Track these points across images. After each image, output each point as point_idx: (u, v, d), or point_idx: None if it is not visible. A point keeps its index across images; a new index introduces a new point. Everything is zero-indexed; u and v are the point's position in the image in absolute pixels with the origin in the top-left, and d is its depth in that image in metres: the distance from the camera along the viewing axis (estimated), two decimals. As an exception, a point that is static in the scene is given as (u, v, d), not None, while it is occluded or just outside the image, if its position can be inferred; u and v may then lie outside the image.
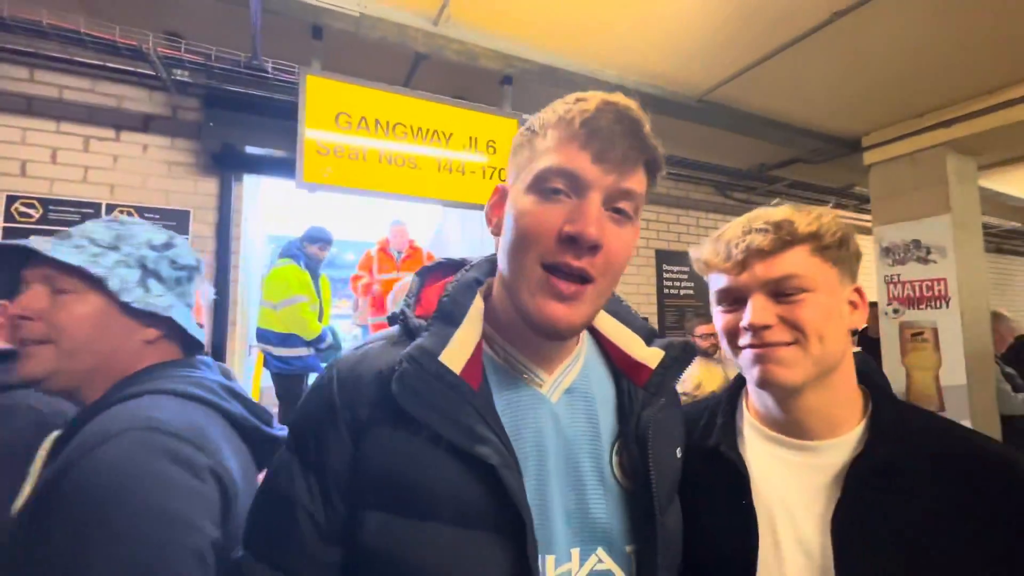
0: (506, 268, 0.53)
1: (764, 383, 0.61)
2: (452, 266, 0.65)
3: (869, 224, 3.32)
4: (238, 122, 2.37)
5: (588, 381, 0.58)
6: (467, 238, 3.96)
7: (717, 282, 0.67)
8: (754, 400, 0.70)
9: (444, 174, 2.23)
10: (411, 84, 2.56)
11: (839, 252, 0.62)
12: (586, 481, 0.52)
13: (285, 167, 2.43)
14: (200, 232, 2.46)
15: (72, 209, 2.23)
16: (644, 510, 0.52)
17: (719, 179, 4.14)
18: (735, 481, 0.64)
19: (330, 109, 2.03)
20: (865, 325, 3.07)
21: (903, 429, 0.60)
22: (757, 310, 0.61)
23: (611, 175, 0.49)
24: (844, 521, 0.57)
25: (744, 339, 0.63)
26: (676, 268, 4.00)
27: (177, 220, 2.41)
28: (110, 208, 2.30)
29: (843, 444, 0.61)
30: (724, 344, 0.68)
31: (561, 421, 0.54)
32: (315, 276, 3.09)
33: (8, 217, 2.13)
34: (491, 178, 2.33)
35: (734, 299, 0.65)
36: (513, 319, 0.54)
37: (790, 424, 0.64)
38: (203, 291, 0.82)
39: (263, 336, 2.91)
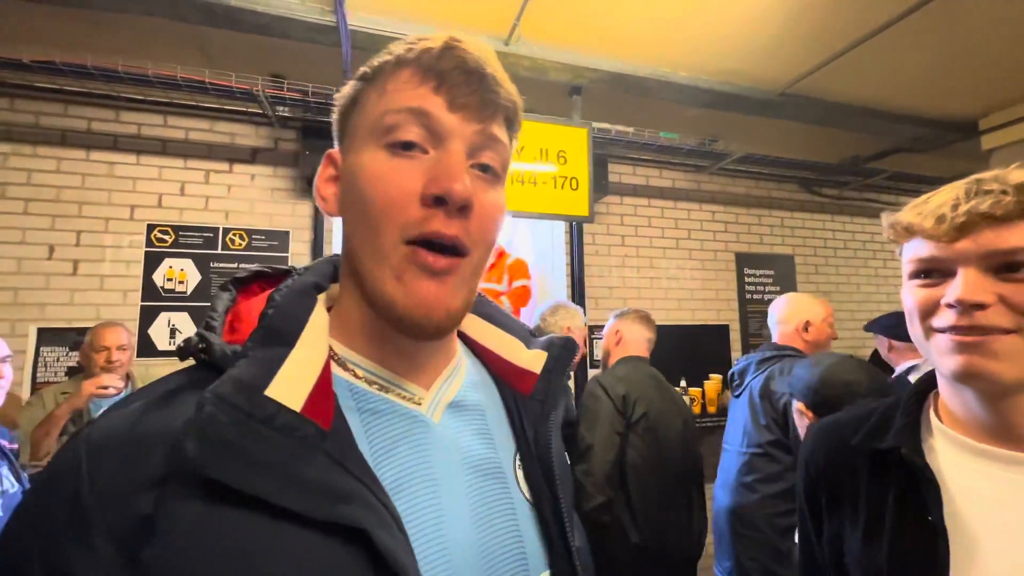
0: (357, 253, 0.41)
1: (965, 375, 0.50)
2: (276, 275, 0.48)
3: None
4: (329, 149, 2.61)
5: (473, 393, 0.48)
6: (537, 248, 4.02)
7: (917, 250, 0.55)
8: (951, 403, 0.57)
9: (517, 186, 2.30)
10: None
11: None
12: (494, 509, 0.42)
13: (370, 188, 2.63)
14: (298, 251, 2.72)
15: (196, 234, 2.57)
16: (555, 531, 0.45)
17: (805, 175, 3.86)
18: (919, 492, 0.54)
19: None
20: None
21: None
22: (969, 284, 0.49)
23: (472, 122, 0.40)
24: None
25: (943, 319, 0.51)
26: (760, 272, 3.78)
27: (279, 240, 2.69)
28: (226, 231, 2.62)
29: None
30: (915, 326, 0.56)
31: (450, 444, 0.43)
32: None
33: (148, 242, 2.50)
34: (562, 187, 2.37)
35: (937, 271, 0.53)
36: (369, 324, 0.42)
37: (998, 431, 0.52)
38: None
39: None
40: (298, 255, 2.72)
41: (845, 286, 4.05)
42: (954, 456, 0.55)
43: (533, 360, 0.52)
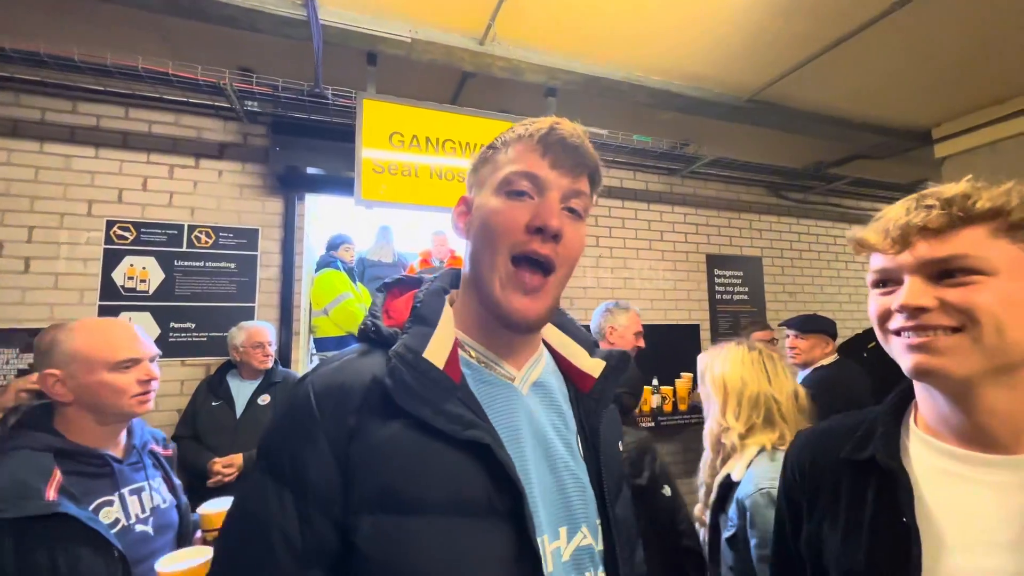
0: (478, 265, 0.58)
1: (919, 373, 0.54)
2: (411, 282, 0.69)
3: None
4: (301, 146, 2.56)
5: (551, 379, 0.64)
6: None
7: (874, 261, 0.61)
8: (924, 408, 0.61)
9: (491, 186, 2.31)
10: (458, 101, 2.66)
11: None
12: (560, 465, 0.57)
13: (344, 185, 2.59)
14: (267, 248, 2.66)
15: (159, 231, 2.48)
16: (599, 498, 0.59)
17: (772, 180, 3.98)
18: (893, 495, 0.57)
19: (384, 129, 2.16)
20: None
21: None
22: (911, 290, 0.54)
23: (565, 178, 0.57)
24: None
25: (895, 323, 0.56)
26: (729, 272, 3.88)
27: (248, 238, 2.62)
28: (191, 228, 2.53)
29: None
30: (877, 332, 0.61)
31: (533, 410, 0.59)
32: (353, 280, 3.26)
33: (108, 239, 2.39)
34: (537, 188, 2.38)
35: (889, 280, 0.58)
36: (481, 319, 0.60)
37: (971, 432, 0.55)
38: None
39: (321, 345, 3.09)
40: (268, 253, 2.65)
41: (809, 287, 4.20)
42: (929, 460, 0.58)
43: (594, 366, 0.66)
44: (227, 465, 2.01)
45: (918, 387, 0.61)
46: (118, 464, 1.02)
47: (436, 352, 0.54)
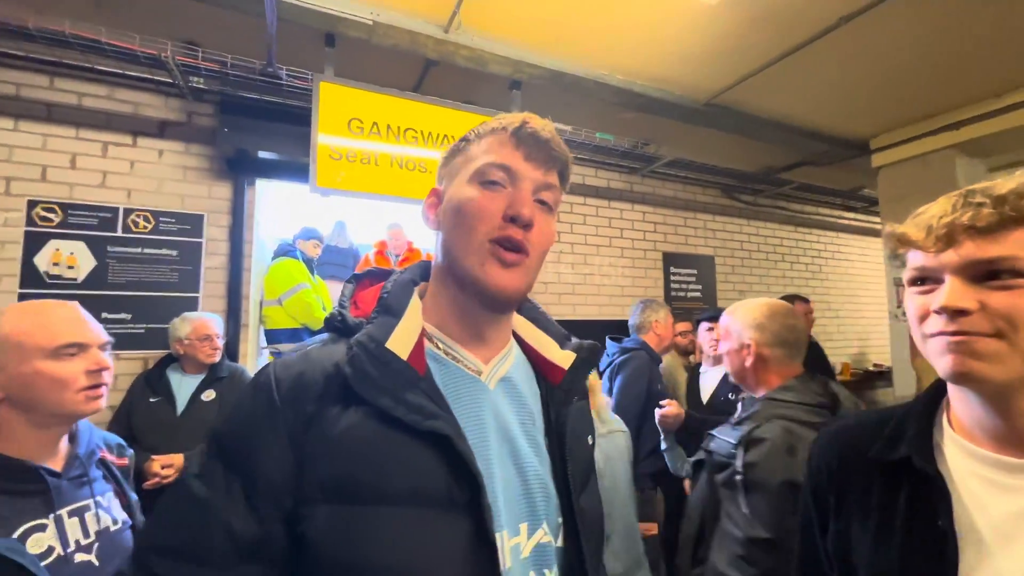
0: (453, 250, 0.58)
1: (957, 376, 0.52)
2: (381, 273, 0.68)
3: (878, 226, 3.32)
4: (252, 128, 2.42)
5: (519, 374, 0.64)
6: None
7: (913, 259, 0.58)
8: (959, 409, 0.59)
9: (454, 178, 2.27)
10: (421, 89, 2.60)
11: None
12: (524, 462, 0.57)
13: (298, 171, 2.47)
14: (214, 235, 2.50)
15: (90, 213, 2.28)
16: (563, 492, 0.59)
17: (726, 182, 4.14)
18: (929, 499, 0.56)
19: (343, 115, 2.07)
20: None
21: None
22: (953, 291, 0.52)
23: (537, 171, 0.59)
24: None
25: (932, 325, 0.54)
26: (684, 271, 4.01)
27: (192, 224, 2.46)
28: (128, 212, 2.35)
29: None
30: (915, 331, 0.58)
31: (499, 406, 0.59)
32: (311, 272, 3.13)
33: (29, 221, 2.18)
34: (500, 182, 2.37)
35: (930, 279, 0.56)
36: (453, 309, 0.60)
37: (1007, 438, 0.54)
38: None
39: (272, 338, 2.95)
40: (214, 240, 2.50)
41: (757, 285, 4.41)
42: (964, 463, 0.57)
43: (564, 358, 0.66)
44: (167, 465, 1.88)
45: (952, 387, 0.60)
46: (55, 479, 0.84)
47: (400, 342, 0.54)
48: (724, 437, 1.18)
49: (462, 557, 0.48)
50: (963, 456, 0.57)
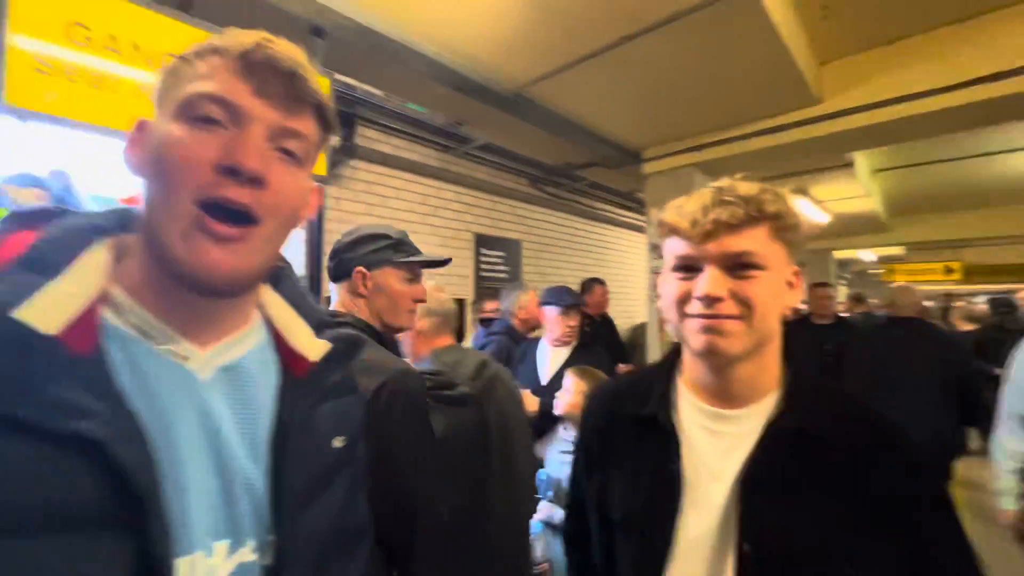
0: (152, 211, 0.44)
1: (708, 352, 0.63)
2: (61, 212, 0.50)
3: (645, 224, 4.01)
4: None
5: (254, 362, 0.52)
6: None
7: (676, 248, 0.67)
8: (689, 370, 0.72)
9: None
10: (193, 11, 2.10)
11: (793, 235, 0.65)
12: (232, 468, 0.47)
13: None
14: None
15: None
16: (283, 503, 0.49)
17: (534, 172, 4.48)
18: (667, 448, 0.68)
19: (61, 15, 1.53)
20: (808, 310, 3.51)
21: (814, 397, 0.66)
22: (712, 282, 0.62)
23: (275, 111, 0.46)
24: (752, 479, 0.61)
25: (693, 308, 0.64)
26: (494, 253, 4.22)
27: None
28: None
29: (761, 409, 0.66)
30: (671, 310, 0.68)
31: (210, 400, 0.47)
32: None
33: None
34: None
35: (691, 267, 0.65)
36: (155, 278, 0.46)
37: (720, 393, 0.67)
38: None
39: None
40: None
41: (556, 270, 4.93)
42: (691, 415, 0.69)
43: (314, 348, 0.55)
44: None
45: (687, 354, 0.72)
46: None
47: (45, 311, 0.39)
48: None
49: None
50: (691, 410, 0.70)
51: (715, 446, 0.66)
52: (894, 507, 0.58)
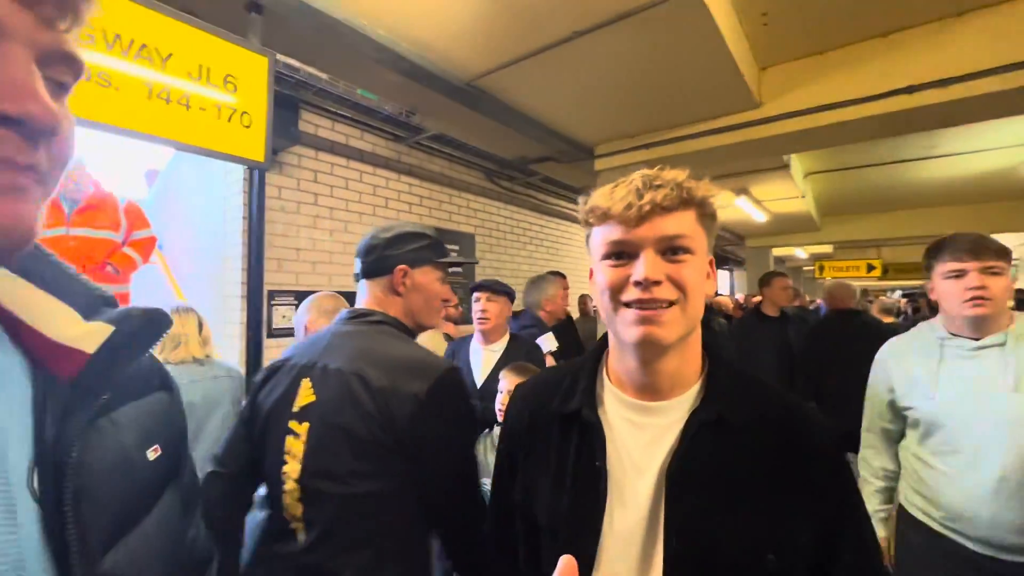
0: None
1: (644, 341, 0.61)
2: None
3: (596, 219, 4.07)
4: None
5: None
6: (207, 191, 3.28)
7: (609, 234, 0.64)
8: (615, 364, 0.70)
9: (159, 103, 1.75)
10: (111, -25, 1.91)
11: (713, 222, 0.65)
12: None
13: None
14: None
15: None
16: (79, 551, 0.38)
17: (488, 166, 4.45)
18: (592, 444, 0.66)
19: None
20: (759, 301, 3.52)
21: (733, 387, 0.65)
22: (651, 265, 0.60)
23: (37, 23, 0.33)
24: (675, 470, 0.60)
25: (630, 295, 0.61)
26: (448, 246, 4.13)
27: None
28: None
29: (684, 401, 0.65)
30: (605, 300, 0.65)
31: None
32: None
33: None
34: (229, 120, 1.94)
35: (624, 254, 0.63)
36: None
37: (645, 386, 0.66)
38: None
39: None
40: None
41: (509, 264, 4.93)
42: (616, 409, 0.68)
43: (85, 336, 0.41)
44: None
45: (613, 345, 0.70)
46: None
47: None
48: None
49: None
50: (616, 403, 0.68)
51: (639, 440, 0.65)
52: (808, 493, 0.59)
